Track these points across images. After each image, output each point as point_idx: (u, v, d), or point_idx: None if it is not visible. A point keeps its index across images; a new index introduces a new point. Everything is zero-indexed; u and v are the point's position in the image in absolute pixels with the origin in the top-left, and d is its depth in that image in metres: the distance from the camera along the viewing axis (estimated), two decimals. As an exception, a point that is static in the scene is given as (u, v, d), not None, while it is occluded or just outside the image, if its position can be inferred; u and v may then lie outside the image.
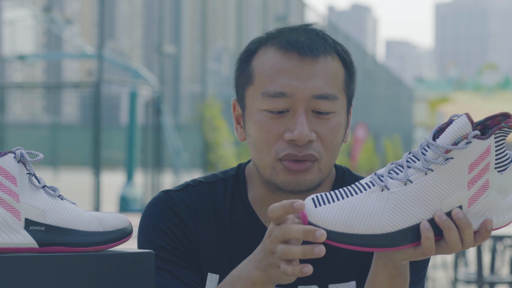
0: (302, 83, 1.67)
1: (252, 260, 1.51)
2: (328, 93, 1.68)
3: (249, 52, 1.75)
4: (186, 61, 41.19)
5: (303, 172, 1.66)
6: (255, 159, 1.72)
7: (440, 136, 1.37)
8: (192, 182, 1.81)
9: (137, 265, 1.41)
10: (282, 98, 1.66)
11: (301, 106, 1.66)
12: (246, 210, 1.76)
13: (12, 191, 1.35)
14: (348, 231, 1.36)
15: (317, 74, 1.68)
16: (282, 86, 1.67)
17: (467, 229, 1.37)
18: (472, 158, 1.36)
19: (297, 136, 1.64)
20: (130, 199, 15.69)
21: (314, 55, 1.68)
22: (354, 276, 1.74)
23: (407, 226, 1.37)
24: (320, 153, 1.67)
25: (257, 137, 1.69)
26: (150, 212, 1.77)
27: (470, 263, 8.10)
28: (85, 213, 1.41)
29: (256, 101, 1.70)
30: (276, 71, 1.68)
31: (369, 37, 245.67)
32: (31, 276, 1.33)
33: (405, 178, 1.37)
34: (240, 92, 1.76)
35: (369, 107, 35.15)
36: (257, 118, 1.69)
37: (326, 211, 1.37)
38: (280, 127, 1.67)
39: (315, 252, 1.36)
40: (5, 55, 17.47)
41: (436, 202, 1.37)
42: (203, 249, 1.74)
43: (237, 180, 1.80)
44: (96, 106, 14.76)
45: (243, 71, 1.74)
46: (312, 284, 1.73)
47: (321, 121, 1.68)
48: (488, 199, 1.38)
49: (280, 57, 1.69)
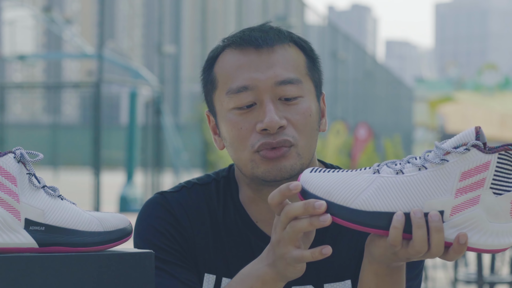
0: (262, 73, 1.68)
1: (262, 258, 1.52)
2: (291, 77, 1.69)
3: (210, 61, 1.78)
4: (186, 61, 41.17)
5: (281, 158, 1.66)
6: (235, 159, 1.73)
7: (448, 141, 1.37)
8: (186, 184, 1.82)
9: (137, 265, 1.41)
10: (246, 92, 1.68)
11: (266, 96, 1.68)
12: (238, 211, 1.77)
13: (12, 191, 1.35)
14: (328, 198, 1.38)
15: (276, 62, 1.69)
16: (244, 79, 1.68)
17: (437, 234, 1.35)
18: (467, 166, 1.34)
19: (268, 124, 1.65)
20: (130, 199, 15.69)
21: (270, 45, 1.70)
22: (349, 275, 1.74)
23: (383, 211, 1.36)
24: (294, 137, 1.67)
25: (231, 136, 1.70)
26: (146, 213, 1.77)
27: (470, 263, 8.10)
28: (85, 213, 1.41)
29: (224, 103, 1.71)
30: (235, 68, 1.70)
31: (369, 37, 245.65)
32: (31, 276, 1.33)
33: (399, 169, 1.38)
34: (208, 100, 1.78)
35: (369, 107, 35.14)
36: (227, 118, 1.70)
37: (316, 177, 1.41)
38: (251, 121, 1.68)
39: (321, 220, 1.39)
40: (5, 55, 17.46)
41: (419, 199, 1.36)
42: (199, 250, 1.75)
43: (228, 181, 1.81)
44: (96, 106, 14.76)
45: (208, 80, 1.77)
46: (307, 284, 1.73)
47: (289, 107, 1.68)
48: (473, 215, 1.35)
49: (238, 55, 1.71)
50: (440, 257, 1.40)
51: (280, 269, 1.48)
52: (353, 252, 1.73)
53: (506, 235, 1.37)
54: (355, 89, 32.60)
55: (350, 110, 31.01)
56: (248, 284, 1.54)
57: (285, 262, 1.46)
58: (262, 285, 1.52)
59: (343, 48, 28.88)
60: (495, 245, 1.37)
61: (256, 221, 1.76)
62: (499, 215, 1.36)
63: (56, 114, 41.72)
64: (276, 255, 1.47)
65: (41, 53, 38.01)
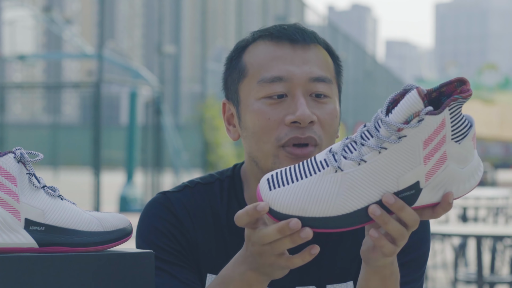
0: (298, 67, 1.68)
1: (243, 261, 1.50)
2: (324, 76, 1.70)
3: (238, 50, 1.76)
4: (186, 61, 41.18)
5: (307, 157, 1.65)
6: (254, 150, 1.71)
7: (392, 112, 1.32)
8: (189, 183, 1.80)
9: (137, 265, 1.41)
10: (280, 83, 1.67)
11: (299, 90, 1.67)
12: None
13: (12, 191, 1.35)
14: (304, 215, 1.34)
15: (311, 59, 1.70)
16: (279, 70, 1.68)
17: (402, 212, 1.34)
18: (426, 134, 1.32)
19: (299, 117, 1.64)
20: (130, 199, 15.69)
21: (306, 42, 1.71)
22: (351, 276, 1.74)
23: (362, 206, 1.34)
24: (320, 137, 1.67)
25: (256, 125, 1.68)
26: (148, 213, 1.77)
27: (470, 263, 8.11)
28: (85, 213, 1.41)
29: (252, 91, 1.70)
30: (270, 59, 1.70)
31: (369, 37, 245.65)
32: (31, 276, 1.33)
33: (358, 158, 1.34)
34: (232, 89, 1.76)
35: (369, 107, 35.16)
36: (254, 107, 1.69)
37: (281, 195, 1.35)
38: (280, 112, 1.67)
39: (302, 236, 1.35)
40: (5, 55, 17.46)
41: (392, 180, 1.34)
42: (202, 250, 1.74)
43: (233, 181, 1.80)
44: (96, 106, 14.76)
45: (235, 68, 1.75)
46: (310, 285, 1.73)
47: (319, 104, 1.68)
48: (447, 171, 1.35)
49: (272, 47, 1.71)
50: (427, 217, 1.39)
51: (266, 273, 1.47)
52: (356, 253, 1.73)
53: (476, 171, 1.39)
54: (355, 89, 32.60)
55: (350, 110, 31.01)
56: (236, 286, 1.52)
57: (271, 268, 1.44)
58: (249, 287, 1.51)
59: (343, 48, 28.89)
60: (473, 184, 1.39)
61: None
62: (467, 158, 1.37)
63: (56, 114, 41.75)
64: (259, 263, 1.45)
65: (41, 53, 38.03)
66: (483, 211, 9.90)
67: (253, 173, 1.75)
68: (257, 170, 1.73)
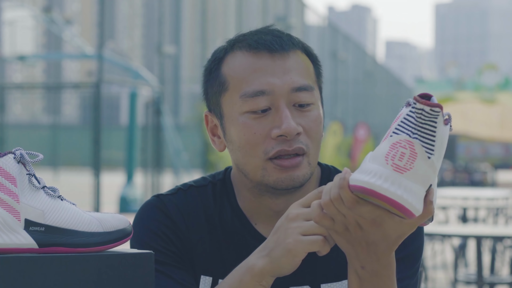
0: (279, 78, 1.67)
1: (256, 251, 1.54)
2: (306, 84, 1.69)
3: (216, 61, 1.74)
4: (186, 61, 41.20)
5: (295, 167, 1.66)
6: (242, 164, 1.71)
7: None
8: (182, 186, 1.81)
9: (137, 265, 1.41)
10: (263, 96, 1.66)
11: (282, 101, 1.67)
12: (235, 213, 1.77)
13: (12, 191, 1.35)
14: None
15: (291, 68, 1.69)
16: (260, 84, 1.67)
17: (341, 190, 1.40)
18: None
19: (285, 130, 1.64)
20: (130, 199, 15.68)
21: (285, 50, 1.70)
22: (346, 275, 1.73)
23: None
24: (307, 146, 1.67)
25: (243, 140, 1.68)
26: (142, 216, 1.77)
27: (470, 264, 8.11)
28: (85, 214, 1.41)
29: (235, 106, 1.69)
30: (251, 71, 1.68)
31: (369, 37, 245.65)
32: (31, 276, 1.33)
33: None
34: (213, 101, 1.75)
35: (369, 107, 35.15)
36: (239, 121, 1.68)
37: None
38: (265, 126, 1.67)
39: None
40: (5, 55, 17.46)
41: None
42: (196, 252, 1.75)
43: (224, 184, 1.80)
44: (96, 106, 14.75)
45: (214, 80, 1.74)
46: (304, 285, 1.73)
47: (303, 113, 1.68)
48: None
49: (251, 58, 1.69)
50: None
51: (275, 259, 1.50)
52: None
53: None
54: (355, 89, 32.60)
55: (350, 110, 31.01)
56: (238, 277, 1.55)
57: (283, 249, 1.48)
58: (251, 278, 1.53)
59: (343, 48, 28.88)
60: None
61: (255, 223, 1.76)
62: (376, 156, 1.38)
63: (56, 115, 41.75)
64: (279, 236, 1.50)
65: (41, 53, 38.02)
66: (483, 211, 9.90)
67: (242, 183, 1.76)
68: (246, 181, 1.74)
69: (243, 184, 1.75)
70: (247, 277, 1.53)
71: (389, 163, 1.33)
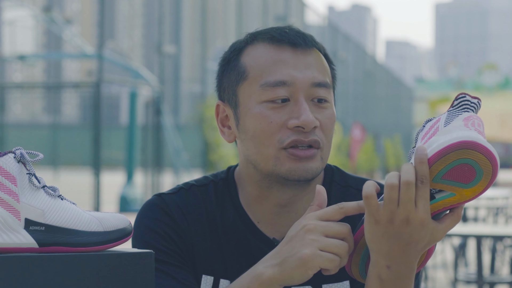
0: (300, 72, 1.69)
1: (266, 259, 1.53)
2: (325, 81, 1.71)
3: (236, 51, 1.75)
4: (186, 61, 41.21)
5: (310, 158, 1.67)
6: (253, 153, 1.71)
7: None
8: (184, 186, 1.81)
9: (137, 265, 1.41)
10: (283, 87, 1.68)
11: (301, 94, 1.68)
12: (237, 212, 1.76)
13: (12, 191, 1.35)
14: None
15: (312, 64, 1.71)
16: (282, 75, 1.68)
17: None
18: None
19: (304, 122, 1.65)
20: (130, 199, 15.68)
21: (308, 46, 1.72)
22: (347, 275, 1.73)
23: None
24: (322, 141, 1.69)
25: (258, 129, 1.69)
26: (144, 215, 1.77)
27: (470, 263, 8.10)
28: (85, 213, 1.41)
29: (254, 95, 1.70)
30: (272, 62, 1.70)
31: (369, 37, 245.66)
32: (31, 276, 1.33)
33: None
34: (229, 91, 1.75)
35: (369, 107, 35.14)
36: (256, 110, 1.69)
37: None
38: (282, 116, 1.67)
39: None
40: (5, 55, 17.45)
41: None
42: (197, 251, 1.74)
43: (227, 183, 1.80)
44: (96, 106, 14.76)
45: (232, 70, 1.74)
46: (306, 285, 1.72)
47: (320, 109, 1.70)
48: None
49: (273, 50, 1.71)
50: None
51: (287, 269, 1.49)
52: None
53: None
54: (355, 89, 32.58)
55: (350, 110, 31.00)
56: (244, 284, 1.54)
57: (298, 259, 1.48)
58: (259, 286, 1.52)
59: (343, 48, 28.88)
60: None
61: (257, 222, 1.76)
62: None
63: (56, 114, 41.75)
64: (294, 246, 1.50)
65: (41, 53, 38.01)
66: (483, 211, 9.90)
67: (249, 176, 1.75)
68: (255, 173, 1.73)
69: (250, 178, 1.75)
70: (254, 284, 1.52)
71: (472, 128, 1.43)
